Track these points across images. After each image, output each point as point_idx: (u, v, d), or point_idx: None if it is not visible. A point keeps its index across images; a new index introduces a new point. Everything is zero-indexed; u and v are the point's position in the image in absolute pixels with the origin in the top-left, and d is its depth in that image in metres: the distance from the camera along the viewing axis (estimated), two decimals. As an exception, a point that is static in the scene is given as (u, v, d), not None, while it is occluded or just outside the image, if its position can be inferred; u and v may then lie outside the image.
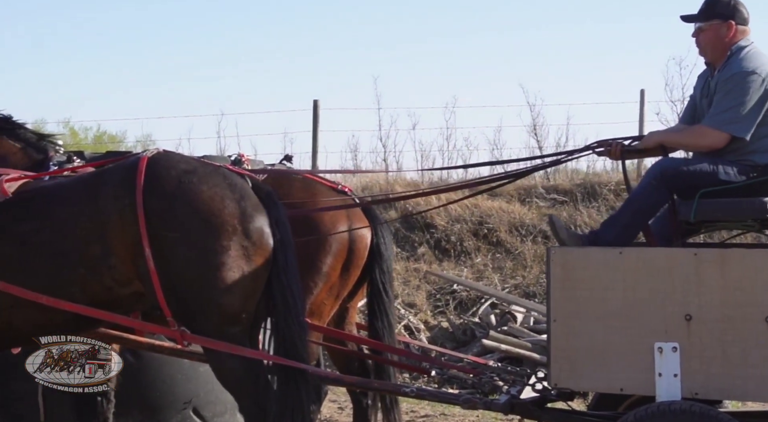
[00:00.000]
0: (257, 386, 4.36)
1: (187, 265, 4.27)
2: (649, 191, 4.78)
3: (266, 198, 4.49)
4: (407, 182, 14.30)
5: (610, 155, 5.15)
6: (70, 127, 29.15)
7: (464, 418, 8.50)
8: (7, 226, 4.50)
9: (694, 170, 4.76)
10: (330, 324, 5.90)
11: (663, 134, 5.12)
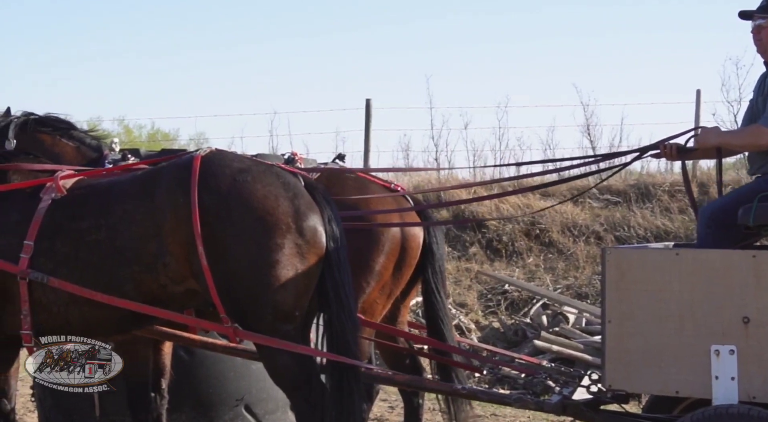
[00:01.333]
0: (309, 383, 4.37)
1: (241, 263, 4.29)
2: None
3: (319, 197, 4.49)
4: (459, 181, 14.27)
5: (666, 156, 5.09)
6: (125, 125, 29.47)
7: (515, 419, 8.46)
8: (64, 224, 4.54)
9: (738, 196, 4.70)
10: (382, 323, 5.89)
11: (718, 134, 5.02)
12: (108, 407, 6.74)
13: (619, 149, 15.65)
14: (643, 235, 12.63)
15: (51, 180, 4.70)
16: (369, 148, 14.46)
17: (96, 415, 6.79)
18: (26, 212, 4.59)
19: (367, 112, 14.56)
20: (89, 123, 28.04)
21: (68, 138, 5.88)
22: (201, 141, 24.38)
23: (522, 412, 8.12)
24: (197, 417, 6.89)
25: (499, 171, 14.08)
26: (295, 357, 4.34)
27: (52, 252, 4.51)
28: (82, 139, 5.92)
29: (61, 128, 5.87)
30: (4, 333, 4.68)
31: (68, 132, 5.90)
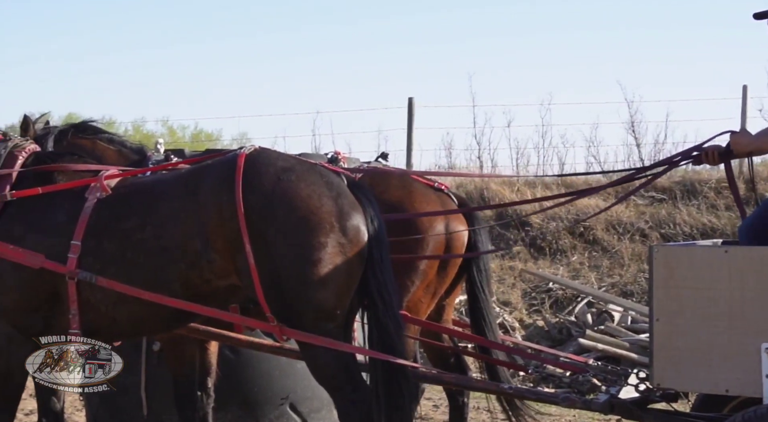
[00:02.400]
0: (352, 382, 4.37)
1: (284, 261, 4.30)
2: None
3: (362, 196, 4.50)
4: (502, 179, 14.21)
5: (708, 161, 5.03)
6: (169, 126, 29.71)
7: (560, 417, 8.41)
8: (109, 223, 4.57)
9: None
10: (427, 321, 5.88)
11: (749, 141, 4.94)
12: (155, 406, 6.79)
13: (664, 146, 15.54)
14: (689, 232, 12.51)
15: (96, 180, 4.73)
16: (411, 146, 14.43)
17: (143, 414, 6.84)
18: (72, 213, 4.63)
19: (409, 110, 14.54)
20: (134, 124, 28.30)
21: (108, 142, 5.95)
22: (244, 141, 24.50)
23: (567, 411, 8.07)
24: (243, 416, 6.92)
25: (542, 170, 14.04)
26: (336, 356, 4.35)
27: (100, 252, 4.55)
28: (123, 142, 5.99)
29: (100, 132, 5.94)
30: (54, 332, 4.71)
31: (107, 136, 5.97)
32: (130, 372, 6.74)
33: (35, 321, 4.69)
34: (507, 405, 6.04)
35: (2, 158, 4.94)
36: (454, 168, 16.88)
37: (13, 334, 4.69)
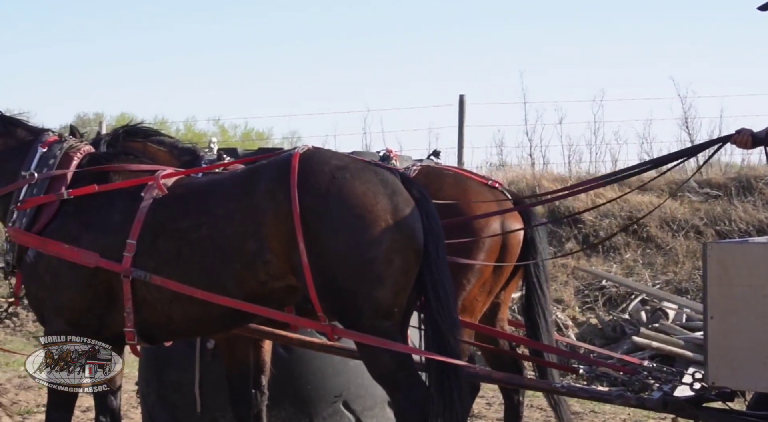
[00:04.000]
0: (409, 381, 4.37)
1: (340, 260, 4.31)
2: None
3: (417, 193, 4.49)
4: (554, 176, 14.15)
5: (738, 143, 4.98)
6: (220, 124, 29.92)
7: (614, 416, 8.36)
8: (166, 223, 4.61)
9: None
10: (482, 321, 5.86)
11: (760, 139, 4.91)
12: (209, 404, 6.84)
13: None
14: (745, 229, 12.36)
15: (152, 179, 4.77)
16: (463, 144, 14.40)
17: (198, 412, 6.90)
18: (128, 212, 4.67)
19: (460, 108, 14.50)
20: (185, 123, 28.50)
21: (159, 144, 5.99)
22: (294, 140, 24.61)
23: (621, 409, 8.02)
24: (296, 414, 6.95)
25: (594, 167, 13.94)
26: (394, 354, 4.34)
27: (155, 251, 4.58)
28: (174, 143, 6.03)
29: (151, 135, 5.99)
30: (109, 330, 4.77)
31: (158, 138, 6.02)
32: (185, 370, 6.82)
33: (91, 319, 4.75)
34: (552, 403, 6.01)
35: (58, 159, 4.99)
36: (505, 166, 16.83)
37: (69, 332, 4.75)
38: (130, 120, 6.36)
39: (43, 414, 6.74)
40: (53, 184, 4.90)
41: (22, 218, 4.85)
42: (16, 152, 5.06)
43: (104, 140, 5.80)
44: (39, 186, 4.90)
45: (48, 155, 5.00)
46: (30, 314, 12.51)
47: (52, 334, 4.78)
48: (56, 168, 4.95)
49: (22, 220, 4.85)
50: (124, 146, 5.70)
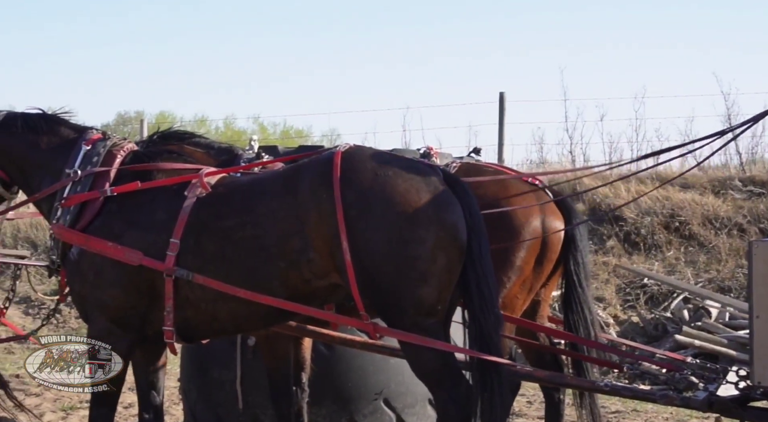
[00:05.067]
0: (452, 379, 4.36)
1: (383, 257, 4.30)
2: None
3: (459, 190, 4.48)
4: (595, 174, 14.05)
5: None
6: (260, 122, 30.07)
7: (657, 415, 8.30)
8: (209, 222, 4.62)
9: None
10: (522, 318, 5.84)
11: None
12: (250, 401, 6.87)
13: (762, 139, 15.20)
14: (789, 227, 12.25)
15: (195, 177, 4.79)
16: (503, 141, 14.36)
17: (239, 409, 6.93)
18: (172, 210, 4.69)
19: (500, 105, 14.46)
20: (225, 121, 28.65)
21: (194, 146, 6.01)
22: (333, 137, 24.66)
23: (664, 408, 7.96)
24: (337, 411, 6.95)
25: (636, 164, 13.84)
26: (437, 352, 4.33)
27: (199, 250, 4.59)
28: (210, 144, 6.04)
29: (185, 138, 6.00)
30: (153, 327, 4.79)
31: (193, 140, 6.03)
32: (226, 368, 6.85)
33: (133, 317, 4.77)
34: (578, 402, 5.97)
35: (101, 157, 5.02)
36: (546, 163, 16.75)
37: (112, 329, 4.77)
38: (170, 118, 6.38)
39: (86, 410, 6.79)
40: (97, 181, 4.93)
41: (66, 215, 4.88)
42: (60, 150, 5.09)
43: (140, 145, 5.81)
44: (83, 183, 4.92)
45: (92, 152, 5.03)
46: (72, 311, 12.62)
47: (95, 331, 4.80)
48: (100, 166, 4.98)
49: (66, 217, 4.87)
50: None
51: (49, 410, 8.51)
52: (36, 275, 11.75)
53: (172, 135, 5.30)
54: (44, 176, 5.08)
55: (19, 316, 12.93)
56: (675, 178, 10.37)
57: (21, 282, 6.43)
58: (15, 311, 12.81)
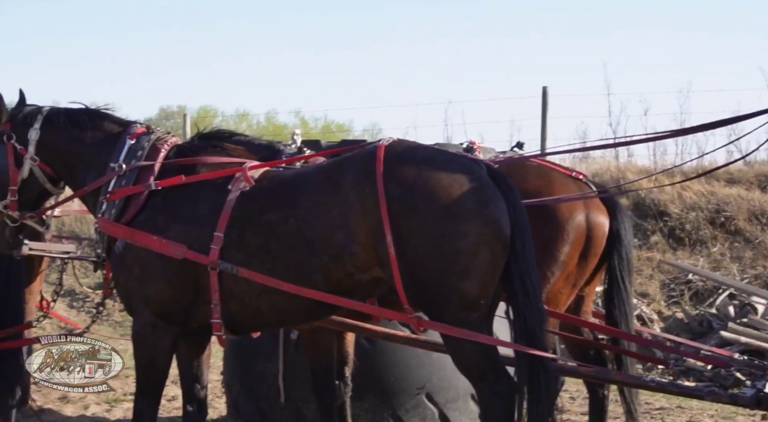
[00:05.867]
0: (495, 373, 4.34)
1: (427, 251, 4.28)
2: None
3: (503, 184, 4.45)
4: (638, 168, 13.97)
5: None
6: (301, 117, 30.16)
7: (702, 412, 8.22)
8: (253, 215, 4.62)
9: None
10: (566, 313, 5.80)
11: None
12: (293, 394, 6.90)
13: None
14: (836, 223, 12.10)
15: (239, 171, 4.80)
16: (546, 136, 14.30)
17: (281, 402, 6.95)
18: (216, 204, 4.70)
19: (543, 100, 14.40)
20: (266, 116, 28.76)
21: (234, 143, 6.02)
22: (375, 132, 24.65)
23: (709, 405, 7.89)
24: (379, 405, 6.96)
25: (680, 158, 13.74)
26: (480, 346, 4.31)
27: (243, 244, 4.60)
28: (250, 141, 6.05)
29: (226, 137, 6.01)
30: (197, 321, 4.81)
31: (234, 138, 6.04)
32: (269, 361, 6.89)
33: (178, 310, 4.79)
34: (623, 398, 5.92)
35: (146, 151, 5.04)
36: (588, 157, 16.65)
37: (157, 322, 4.80)
38: (212, 112, 6.40)
39: (130, 403, 6.84)
40: (141, 175, 4.95)
41: (111, 209, 4.91)
42: (104, 144, 5.12)
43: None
44: (128, 177, 4.95)
45: (136, 146, 5.05)
46: (116, 304, 12.71)
47: (140, 325, 4.83)
48: (144, 160, 5.00)
49: (111, 211, 4.90)
50: None
51: (93, 402, 8.58)
52: (80, 268, 11.87)
53: (212, 135, 5.30)
54: (89, 170, 5.11)
55: (63, 309, 13.06)
56: (717, 168, 10.22)
57: (66, 275, 6.46)
58: (60, 305, 12.93)
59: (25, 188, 5.18)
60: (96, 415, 8.15)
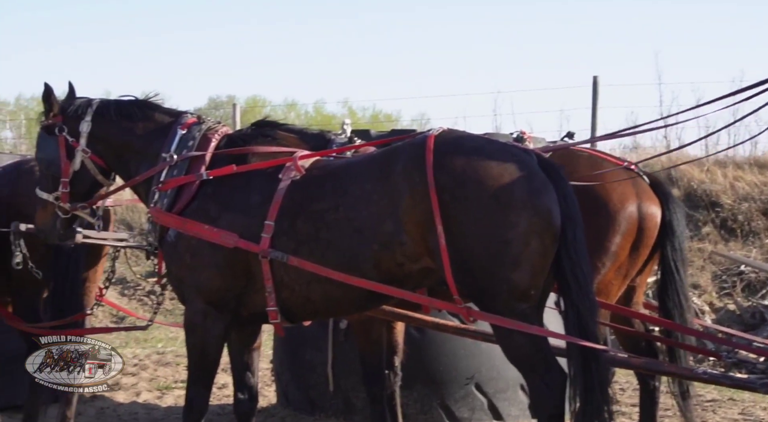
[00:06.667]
0: (546, 363, 4.32)
1: (477, 241, 4.27)
2: None
3: (553, 174, 4.42)
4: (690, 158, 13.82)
5: None
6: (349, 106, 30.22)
7: (754, 404, 8.13)
8: (304, 204, 4.64)
9: None
10: (617, 304, 5.76)
11: None
12: (342, 383, 6.93)
13: None
14: None
15: (290, 160, 4.82)
16: (596, 125, 14.18)
17: (330, 391, 6.98)
18: (266, 193, 4.72)
19: (594, 89, 14.27)
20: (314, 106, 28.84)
21: (287, 131, 6.05)
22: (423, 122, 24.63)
23: (761, 397, 7.80)
24: (428, 395, 6.97)
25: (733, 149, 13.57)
26: (530, 337, 4.30)
27: (294, 232, 4.62)
28: (301, 130, 6.08)
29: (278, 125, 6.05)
30: (248, 309, 4.84)
31: (286, 127, 6.07)
32: (318, 350, 6.92)
33: (229, 298, 4.82)
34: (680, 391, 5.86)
35: (197, 141, 5.07)
36: (639, 147, 16.50)
37: (209, 310, 4.83)
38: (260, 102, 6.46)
39: (181, 390, 6.91)
40: (193, 165, 4.99)
41: (163, 199, 4.95)
42: (155, 135, 5.16)
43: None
44: (179, 167, 4.99)
45: (187, 136, 5.08)
46: (167, 293, 12.79)
47: (192, 313, 4.87)
48: (195, 149, 5.03)
49: (163, 201, 4.94)
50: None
51: (145, 389, 8.68)
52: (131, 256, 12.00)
53: (265, 124, 5.33)
54: (141, 160, 5.15)
55: (115, 297, 13.19)
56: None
57: (117, 263, 6.55)
58: (111, 293, 13.06)
59: (76, 180, 5.22)
60: (147, 402, 8.24)
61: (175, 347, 10.64)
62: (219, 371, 5.22)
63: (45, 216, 5.29)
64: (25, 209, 5.99)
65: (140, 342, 11.19)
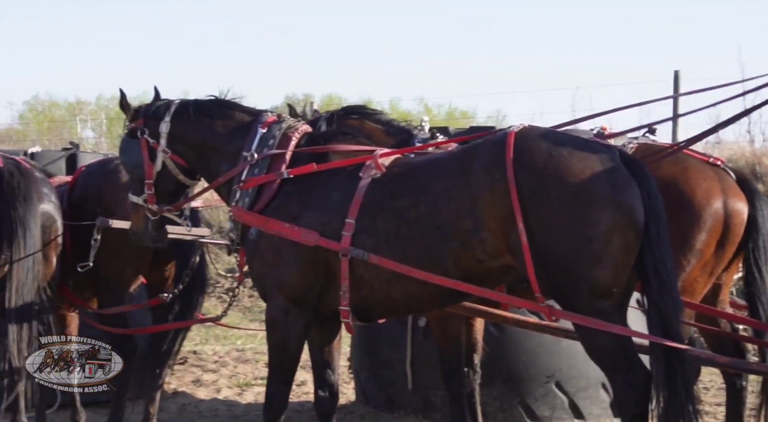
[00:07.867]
0: (628, 362, 4.26)
1: (559, 238, 4.23)
2: None
3: (637, 170, 4.36)
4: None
5: None
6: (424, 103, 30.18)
7: (844, 406, 7.92)
8: (384, 202, 4.64)
9: None
10: (702, 302, 5.66)
11: None
12: (421, 381, 6.92)
13: None
14: None
15: (370, 158, 4.82)
16: (677, 122, 13.96)
17: (409, 389, 6.98)
18: (347, 191, 4.73)
19: (675, 84, 14.07)
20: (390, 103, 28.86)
21: (375, 122, 6.08)
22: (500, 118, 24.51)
23: None
24: (508, 393, 6.93)
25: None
26: (613, 335, 4.24)
27: (374, 230, 4.62)
28: (390, 122, 6.12)
29: (368, 114, 6.08)
30: (328, 307, 4.86)
31: (374, 116, 6.10)
32: (397, 348, 6.92)
33: (309, 296, 4.84)
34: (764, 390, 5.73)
35: (277, 139, 5.10)
36: (721, 142, 16.22)
37: (290, 307, 4.86)
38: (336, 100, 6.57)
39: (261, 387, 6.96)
40: (273, 163, 5.01)
41: (245, 198, 4.99)
42: (236, 134, 5.20)
43: (323, 117, 5.93)
44: (260, 166, 5.02)
45: (267, 135, 5.11)
46: (246, 289, 12.91)
47: (273, 310, 4.90)
48: (276, 148, 5.06)
49: (245, 199, 4.98)
50: (343, 124, 5.82)
51: (225, 386, 8.76)
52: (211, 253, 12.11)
53: (356, 110, 5.36)
54: (222, 160, 5.20)
55: (194, 294, 13.31)
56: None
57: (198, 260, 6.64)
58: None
59: (160, 181, 5.29)
60: (228, 398, 8.32)
61: (254, 344, 10.72)
62: (299, 368, 5.24)
63: (138, 219, 5.38)
64: (113, 208, 6.11)
65: (220, 339, 11.30)
